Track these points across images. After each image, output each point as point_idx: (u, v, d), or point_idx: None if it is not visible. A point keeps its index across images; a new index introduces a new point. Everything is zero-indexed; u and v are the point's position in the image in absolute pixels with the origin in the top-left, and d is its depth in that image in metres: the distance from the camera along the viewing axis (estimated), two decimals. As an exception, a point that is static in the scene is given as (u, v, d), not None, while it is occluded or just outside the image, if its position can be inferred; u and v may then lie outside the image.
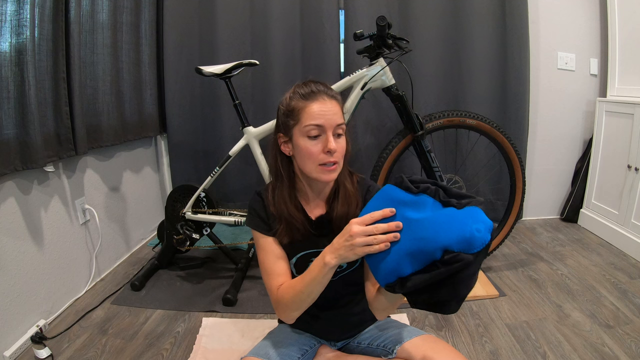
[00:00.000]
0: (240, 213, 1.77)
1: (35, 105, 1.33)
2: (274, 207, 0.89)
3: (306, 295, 0.80)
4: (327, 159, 0.82)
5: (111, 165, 1.96)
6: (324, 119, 0.81)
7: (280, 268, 0.88)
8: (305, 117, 0.82)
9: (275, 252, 0.89)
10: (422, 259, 0.64)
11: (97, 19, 1.72)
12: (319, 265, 0.76)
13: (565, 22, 2.28)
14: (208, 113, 2.31)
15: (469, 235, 0.60)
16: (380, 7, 2.16)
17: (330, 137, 0.81)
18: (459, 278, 0.62)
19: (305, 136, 0.82)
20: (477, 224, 0.61)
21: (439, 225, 0.63)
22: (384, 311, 0.82)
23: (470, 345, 1.34)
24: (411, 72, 1.70)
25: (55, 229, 1.56)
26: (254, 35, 2.22)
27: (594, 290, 1.66)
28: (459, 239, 0.60)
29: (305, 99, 0.83)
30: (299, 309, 0.83)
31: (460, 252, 0.60)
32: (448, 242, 0.61)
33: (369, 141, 2.32)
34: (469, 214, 0.63)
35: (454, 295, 0.65)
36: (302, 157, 0.84)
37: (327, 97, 0.83)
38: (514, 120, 2.28)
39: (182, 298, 1.67)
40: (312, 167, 0.84)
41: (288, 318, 0.86)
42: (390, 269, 0.67)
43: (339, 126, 0.83)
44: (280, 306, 0.85)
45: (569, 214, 2.44)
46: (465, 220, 0.62)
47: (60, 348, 1.35)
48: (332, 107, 0.83)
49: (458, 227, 0.61)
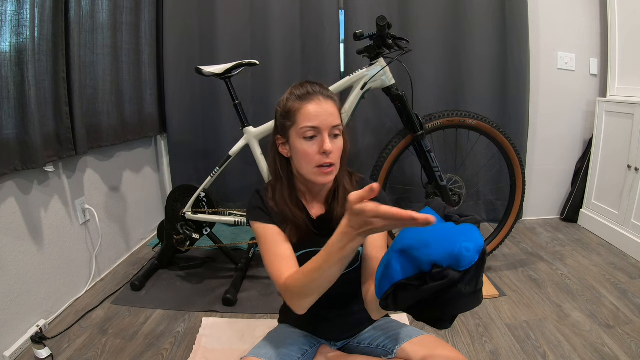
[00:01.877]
0: (240, 213, 1.77)
1: (35, 105, 1.33)
2: (275, 206, 0.89)
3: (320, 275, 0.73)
4: (323, 160, 0.81)
5: (111, 165, 1.96)
6: (319, 120, 0.81)
7: (285, 251, 0.85)
8: (301, 119, 0.82)
9: (279, 239, 0.86)
10: (411, 265, 0.62)
11: (97, 19, 1.72)
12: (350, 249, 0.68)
13: (565, 22, 2.28)
14: (208, 113, 2.31)
15: (456, 252, 0.58)
16: (380, 7, 2.16)
17: (326, 138, 0.81)
18: (448, 297, 0.60)
19: (301, 137, 0.82)
20: (467, 242, 0.59)
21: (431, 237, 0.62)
22: (378, 311, 0.80)
23: (470, 345, 1.34)
24: (411, 72, 1.70)
25: (55, 229, 1.56)
26: (254, 35, 2.22)
27: (594, 290, 1.66)
28: (446, 254, 0.59)
29: (301, 100, 0.83)
30: (313, 294, 0.76)
31: (448, 268, 0.59)
32: (437, 256, 0.59)
33: (369, 141, 2.32)
34: (462, 230, 0.62)
35: (443, 313, 0.63)
36: (299, 158, 0.84)
37: (323, 98, 0.83)
38: (514, 120, 2.28)
39: (182, 298, 1.67)
40: (308, 168, 0.83)
41: (300, 307, 0.79)
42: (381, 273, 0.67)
43: (336, 127, 0.83)
44: (292, 294, 0.79)
45: (569, 214, 2.44)
46: (457, 236, 0.60)
47: (60, 348, 1.35)
48: (328, 107, 0.82)
49: (449, 243, 0.60)
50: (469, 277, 0.59)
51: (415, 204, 2.30)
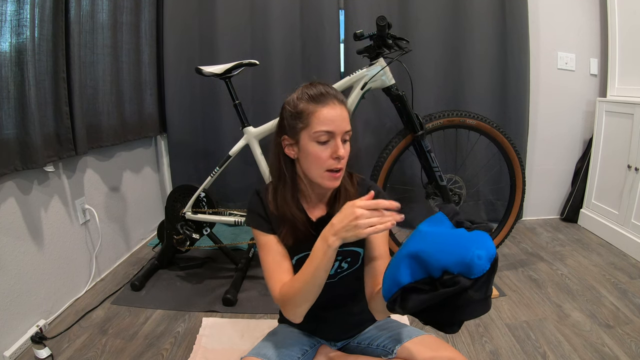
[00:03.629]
0: (240, 213, 1.77)
1: (35, 105, 1.33)
2: (275, 208, 0.88)
3: (311, 285, 0.77)
4: (335, 165, 0.81)
5: (111, 165, 1.96)
6: (335, 125, 0.80)
7: (284, 267, 0.86)
8: (316, 122, 0.80)
9: (278, 250, 0.87)
10: (421, 270, 0.63)
11: (97, 19, 1.72)
12: (322, 249, 0.74)
13: (565, 22, 2.28)
14: (208, 113, 2.31)
15: (468, 260, 0.58)
16: (380, 7, 2.16)
17: (339, 144, 0.81)
18: (458, 303, 0.61)
19: (314, 141, 0.81)
20: (479, 250, 0.59)
21: (443, 243, 0.62)
22: (383, 312, 0.81)
23: (470, 345, 1.34)
24: (411, 72, 1.70)
25: (55, 229, 1.56)
26: (254, 35, 2.22)
27: (594, 290, 1.66)
28: (458, 261, 0.59)
29: (316, 102, 0.81)
30: (306, 302, 0.80)
31: (459, 275, 0.59)
32: (447, 262, 0.60)
33: (369, 141, 2.32)
34: (475, 238, 0.62)
35: (452, 318, 0.64)
36: (310, 162, 0.83)
37: (337, 102, 0.82)
38: (514, 120, 2.28)
39: (182, 298, 1.67)
40: (318, 172, 0.83)
41: (295, 315, 0.83)
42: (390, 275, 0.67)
43: (347, 132, 0.82)
44: (286, 303, 0.82)
45: (569, 214, 2.44)
46: (469, 244, 0.60)
47: (60, 348, 1.35)
48: (342, 112, 0.82)
49: (461, 250, 0.60)
50: (479, 284, 0.60)
51: (415, 203, 2.30)
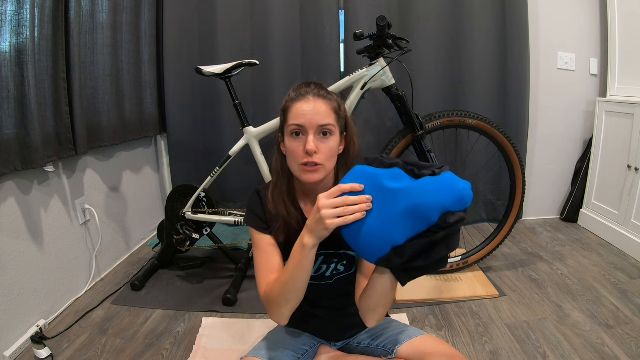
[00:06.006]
0: (240, 213, 1.77)
1: (35, 105, 1.33)
2: (273, 206, 0.89)
3: (292, 286, 0.77)
4: (307, 159, 0.81)
5: (111, 165, 1.96)
6: (305, 119, 0.81)
7: (273, 265, 0.86)
8: (290, 117, 0.84)
9: (270, 250, 0.88)
10: (418, 224, 0.66)
11: (97, 19, 1.71)
12: (299, 249, 0.75)
13: (565, 22, 2.28)
14: (208, 113, 2.31)
15: (460, 195, 0.64)
16: (380, 7, 2.15)
17: (309, 138, 0.81)
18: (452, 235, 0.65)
19: (290, 135, 0.84)
20: (462, 184, 0.65)
21: (430, 191, 0.66)
22: (373, 312, 0.80)
23: (470, 345, 1.34)
24: (411, 72, 1.69)
25: (55, 229, 1.56)
26: (254, 35, 2.21)
27: (594, 290, 1.66)
28: (453, 199, 0.64)
29: (294, 98, 0.85)
30: (288, 303, 0.80)
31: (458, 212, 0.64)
32: (445, 204, 0.64)
33: (369, 141, 2.32)
34: (449, 177, 0.67)
35: (447, 252, 0.67)
36: (289, 156, 0.85)
37: (313, 97, 0.83)
38: (514, 120, 2.28)
39: (182, 298, 1.67)
40: (294, 166, 0.85)
41: (279, 317, 0.83)
42: (381, 241, 0.68)
43: (324, 126, 0.82)
44: (270, 304, 0.82)
45: (569, 214, 2.44)
46: (450, 183, 0.65)
47: (60, 348, 1.35)
48: (317, 106, 0.82)
49: (448, 190, 0.65)
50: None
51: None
